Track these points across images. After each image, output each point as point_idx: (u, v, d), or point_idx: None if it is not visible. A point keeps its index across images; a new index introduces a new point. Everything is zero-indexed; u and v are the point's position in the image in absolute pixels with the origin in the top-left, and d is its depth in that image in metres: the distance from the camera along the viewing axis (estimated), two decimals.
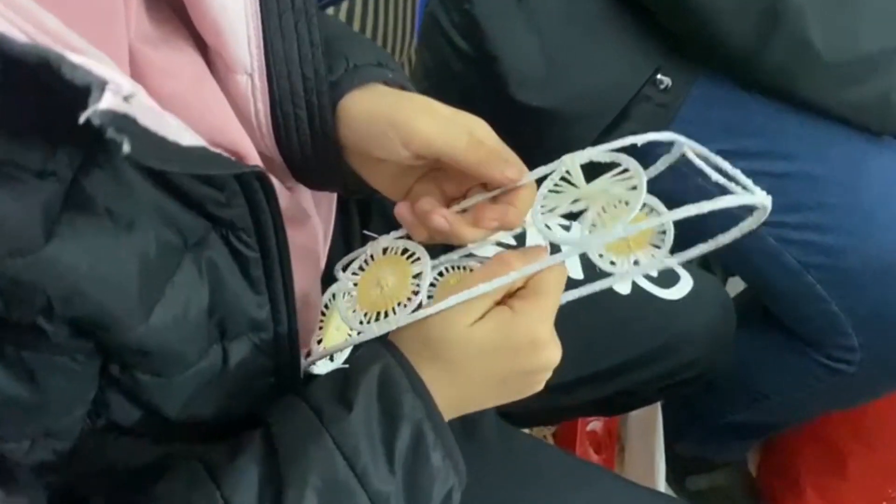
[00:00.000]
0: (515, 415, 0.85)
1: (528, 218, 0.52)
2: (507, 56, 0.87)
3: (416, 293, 0.50)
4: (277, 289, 0.49)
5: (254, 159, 0.51)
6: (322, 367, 0.57)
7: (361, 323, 0.51)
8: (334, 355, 0.58)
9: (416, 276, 0.51)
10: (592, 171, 0.53)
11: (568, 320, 0.72)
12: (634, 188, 0.48)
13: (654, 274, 0.79)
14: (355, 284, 0.54)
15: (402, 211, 0.53)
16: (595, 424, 1.25)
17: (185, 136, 0.39)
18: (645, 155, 0.51)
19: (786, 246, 0.91)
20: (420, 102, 0.52)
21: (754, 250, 0.93)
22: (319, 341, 0.57)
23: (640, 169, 0.49)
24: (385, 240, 0.54)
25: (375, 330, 0.50)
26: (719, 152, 0.88)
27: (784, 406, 1.11)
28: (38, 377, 0.42)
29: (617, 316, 0.77)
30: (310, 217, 0.61)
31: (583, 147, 0.52)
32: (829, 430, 1.24)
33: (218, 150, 0.44)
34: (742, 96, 0.89)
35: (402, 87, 0.55)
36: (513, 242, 0.75)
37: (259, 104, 0.51)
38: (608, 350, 0.78)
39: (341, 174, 0.56)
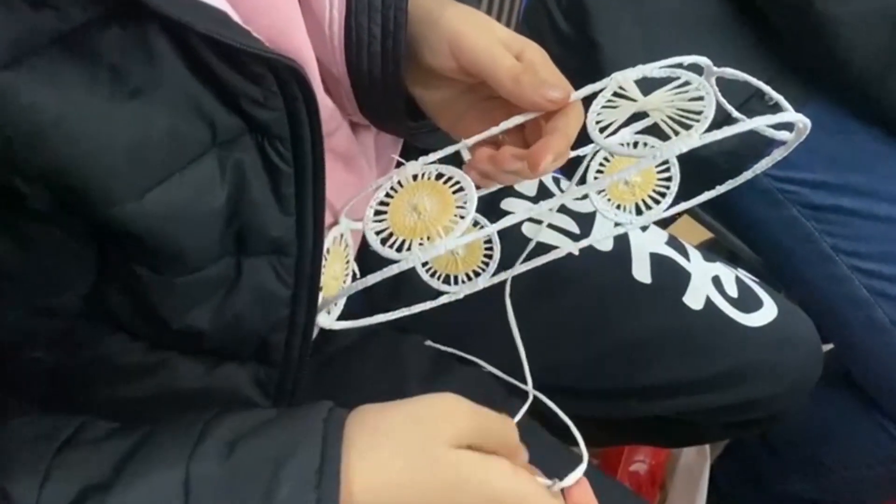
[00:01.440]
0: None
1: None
2: (608, 44, 0.83)
3: (461, 217, 0.45)
4: (307, 211, 0.47)
5: (314, 74, 0.49)
6: (323, 320, 0.53)
7: (399, 251, 0.46)
8: (331, 308, 0.54)
9: (458, 201, 0.46)
10: None
11: (629, 324, 0.70)
12: (700, 99, 0.45)
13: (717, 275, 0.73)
14: (378, 214, 0.49)
15: (481, 163, 0.48)
16: (640, 466, 1.17)
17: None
18: None
19: (879, 299, 0.84)
20: (479, 17, 0.49)
21: (843, 299, 0.86)
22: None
23: (704, 81, 0.46)
24: (414, 166, 0.49)
25: (420, 256, 0.44)
26: (822, 183, 0.84)
27: (848, 483, 1.01)
28: (33, 246, 0.41)
29: (685, 327, 0.71)
30: (364, 166, 0.59)
31: None
32: None
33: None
34: (855, 127, 0.82)
35: (466, 1, 0.52)
36: (576, 230, 0.71)
37: (335, 11, 0.49)
38: (669, 362, 0.71)
39: (404, 107, 0.54)
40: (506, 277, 0.61)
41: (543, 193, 0.72)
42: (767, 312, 0.73)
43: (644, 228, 0.74)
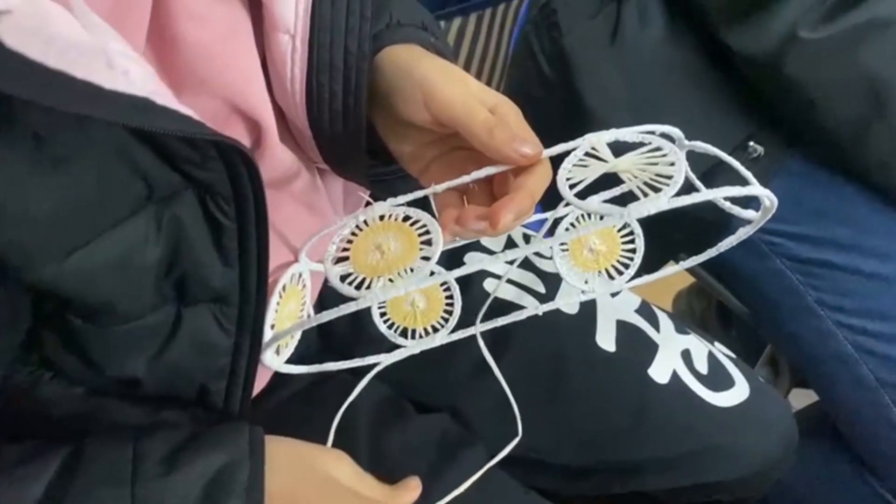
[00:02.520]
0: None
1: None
2: (590, 94, 0.82)
3: (426, 259, 0.44)
4: (250, 264, 0.47)
5: (270, 131, 0.49)
6: (270, 360, 0.53)
7: (358, 288, 0.45)
8: (280, 348, 0.54)
9: (424, 243, 0.46)
10: None
11: (590, 394, 0.68)
12: (670, 164, 0.46)
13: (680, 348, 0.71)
14: (345, 250, 0.48)
15: (446, 225, 0.47)
16: None
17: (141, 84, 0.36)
18: None
19: (865, 356, 0.82)
20: (453, 70, 0.49)
21: (829, 355, 0.84)
22: (272, 326, 0.53)
23: (675, 147, 0.47)
24: (382, 206, 0.49)
25: (379, 295, 0.44)
26: (806, 237, 0.82)
27: None
28: None
29: (647, 401, 0.68)
30: (328, 210, 0.59)
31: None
32: None
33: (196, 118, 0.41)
34: (842, 180, 0.80)
35: (443, 56, 0.52)
36: (542, 290, 0.70)
37: (296, 69, 0.49)
38: (629, 437, 0.68)
39: (365, 160, 0.54)
40: (464, 336, 0.60)
41: (510, 248, 0.70)
42: (738, 392, 0.70)
43: (614, 294, 0.72)
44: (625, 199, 0.50)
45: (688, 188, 0.46)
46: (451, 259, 0.68)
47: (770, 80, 0.75)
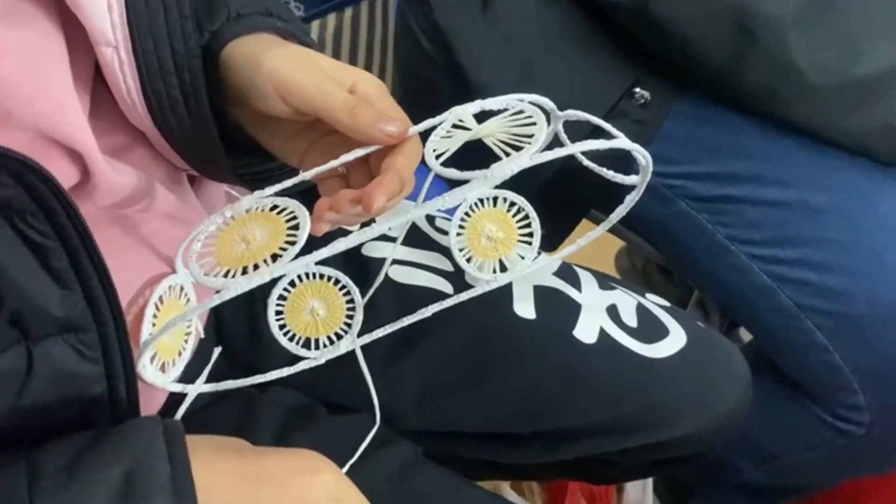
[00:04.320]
0: (471, 463, 0.78)
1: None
2: (471, 65, 0.81)
3: (292, 243, 0.43)
4: (92, 283, 0.44)
5: (93, 157, 0.46)
6: (152, 376, 0.51)
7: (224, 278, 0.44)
8: (168, 366, 0.52)
9: (292, 229, 0.45)
10: None
11: (516, 365, 0.66)
12: (534, 124, 0.46)
13: (579, 294, 0.69)
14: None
15: (323, 214, 0.46)
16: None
17: None
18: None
19: (781, 284, 0.82)
20: (302, 54, 0.48)
21: (747, 288, 0.84)
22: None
23: (538, 109, 0.47)
24: (248, 199, 0.48)
25: (243, 284, 0.42)
26: (705, 175, 0.82)
27: (796, 469, 0.99)
28: None
29: (577, 364, 0.65)
30: (195, 219, 0.57)
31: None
32: (865, 501, 1.11)
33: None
34: (732, 115, 0.81)
35: (298, 39, 0.51)
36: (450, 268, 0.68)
37: (129, 80, 0.48)
38: (563, 407, 0.66)
39: (225, 159, 0.52)
40: (369, 341, 0.59)
41: (410, 232, 0.69)
42: (674, 341, 0.67)
43: None
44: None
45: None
46: (350, 257, 0.66)
47: (641, 23, 0.75)
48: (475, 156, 0.49)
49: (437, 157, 0.48)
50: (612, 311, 0.68)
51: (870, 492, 1.09)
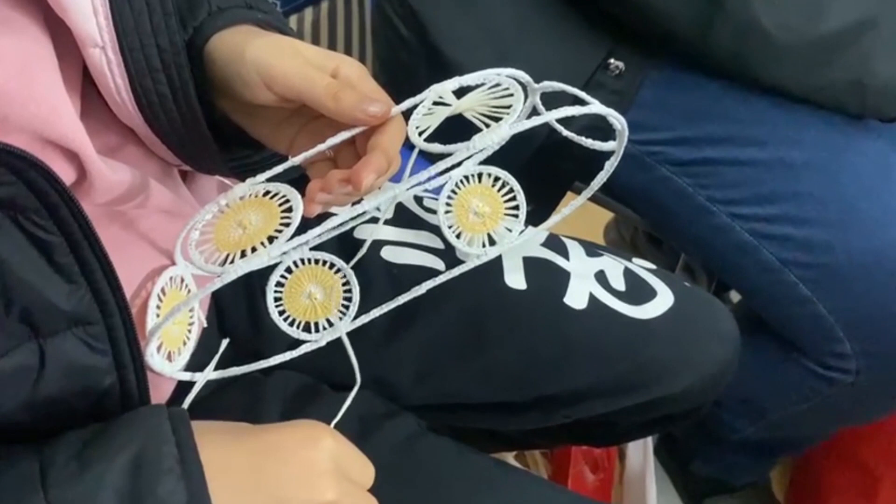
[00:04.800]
0: (474, 436, 0.80)
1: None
2: (448, 46, 0.83)
3: (287, 226, 0.45)
4: (96, 276, 0.46)
5: (89, 156, 0.48)
6: (160, 365, 0.53)
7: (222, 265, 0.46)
8: (174, 355, 0.54)
9: (286, 212, 0.46)
10: None
11: (511, 335, 0.68)
12: (510, 96, 0.47)
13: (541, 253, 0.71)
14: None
15: (315, 196, 0.47)
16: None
17: None
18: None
19: (762, 241, 0.84)
20: (284, 43, 0.49)
21: (730, 247, 0.86)
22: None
23: (514, 82, 0.48)
24: (241, 187, 0.49)
25: (242, 266, 0.43)
26: (682, 139, 0.85)
27: (789, 422, 1.02)
28: None
29: (570, 330, 0.67)
30: (191, 212, 0.59)
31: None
32: (858, 452, 1.14)
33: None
34: (705, 80, 0.83)
35: (278, 30, 0.52)
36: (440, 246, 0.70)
37: (118, 79, 0.49)
38: (559, 369, 0.68)
39: (216, 152, 0.54)
40: (367, 320, 0.61)
41: (399, 213, 0.71)
42: (662, 301, 0.69)
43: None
44: None
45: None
46: (343, 241, 0.68)
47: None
48: (459, 130, 0.51)
49: (420, 133, 0.49)
50: (601, 277, 0.70)
51: (864, 440, 1.12)
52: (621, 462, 1.19)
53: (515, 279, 0.68)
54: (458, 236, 0.63)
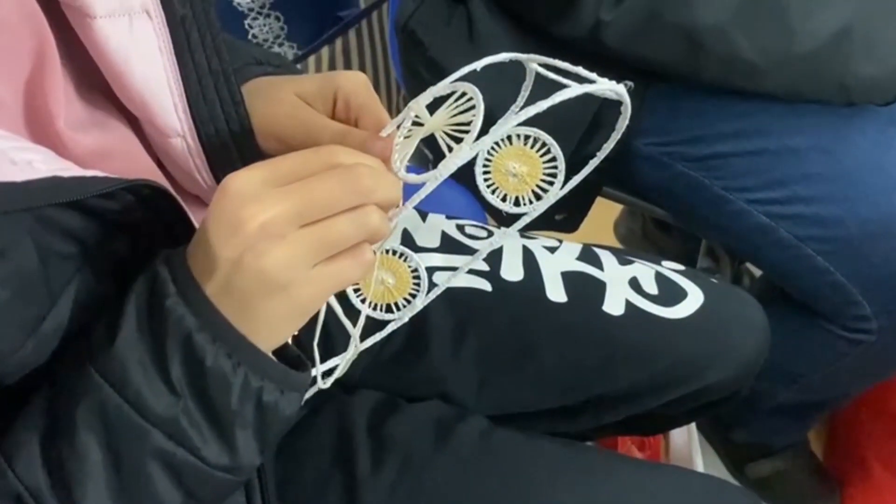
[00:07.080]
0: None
1: None
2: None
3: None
4: None
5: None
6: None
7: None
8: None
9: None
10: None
11: (557, 345, 0.71)
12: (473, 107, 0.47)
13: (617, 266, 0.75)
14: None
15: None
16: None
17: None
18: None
19: (778, 221, 0.90)
20: (285, 97, 0.55)
21: (749, 230, 0.92)
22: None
23: (475, 89, 0.47)
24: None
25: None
26: (694, 138, 0.91)
27: (823, 383, 1.08)
28: None
29: (610, 335, 0.71)
30: None
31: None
32: (889, 401, 1.20)
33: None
34: (707, 89, 0.89)
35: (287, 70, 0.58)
36: (485, 267, 0.74)
37: (197, 160, 0.55)
38: (603, 373, 0.72)
39: None
40: (440, 291, 0.62)
41: (447, 244, 0.75)
42: (693, 301, 0.73)
43: (552, 251, 0.76)
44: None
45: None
46: None
47: (599, 50, 0.85)
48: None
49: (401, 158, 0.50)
50: (634, 283, 0.74)
51: (892, 390, 1.17)
52: (665, 438, 1.24)
53: (556, 293, 0.72)
54: (503, 199, 0.59)
